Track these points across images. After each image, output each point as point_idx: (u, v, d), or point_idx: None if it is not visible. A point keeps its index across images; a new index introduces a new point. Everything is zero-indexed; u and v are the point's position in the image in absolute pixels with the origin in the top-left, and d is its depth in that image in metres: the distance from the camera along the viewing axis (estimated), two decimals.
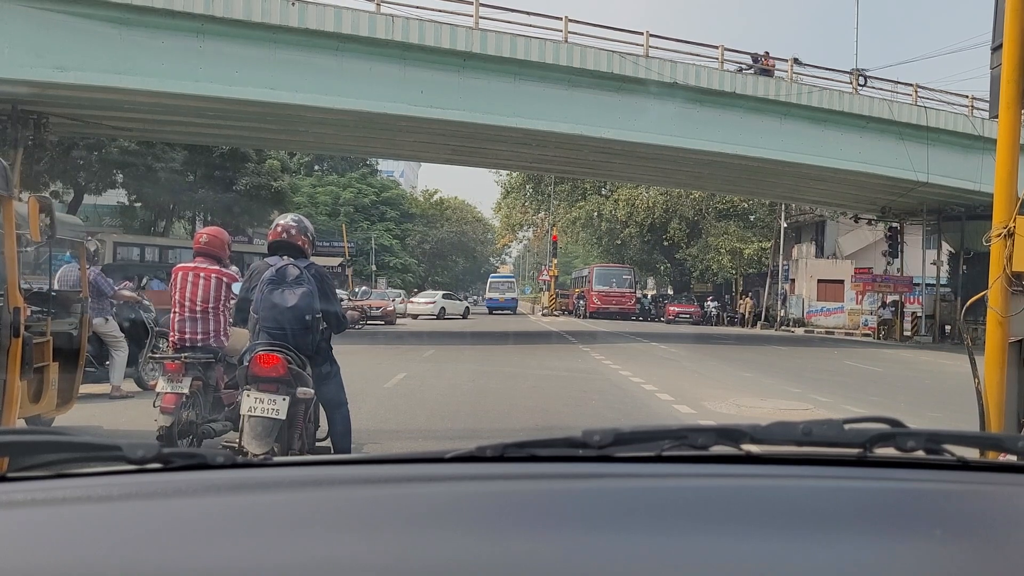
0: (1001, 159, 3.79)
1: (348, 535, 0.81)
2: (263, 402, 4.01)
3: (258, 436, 3.98)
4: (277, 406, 4.01)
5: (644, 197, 39.29)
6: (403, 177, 76.01)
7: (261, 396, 4.02)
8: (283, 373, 4.02)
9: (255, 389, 4.04)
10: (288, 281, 4.13)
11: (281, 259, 4.23)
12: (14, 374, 4.16)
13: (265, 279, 4.15)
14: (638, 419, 7.50)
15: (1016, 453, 1.17)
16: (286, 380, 4.04)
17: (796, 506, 0.92)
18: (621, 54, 18.21)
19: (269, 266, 4.21)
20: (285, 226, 4.37)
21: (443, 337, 22.14)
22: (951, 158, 20.88)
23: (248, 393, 4.06)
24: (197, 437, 5.01)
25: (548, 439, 1.04)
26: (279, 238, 4.34)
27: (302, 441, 4.29)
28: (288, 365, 4.03)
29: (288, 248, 4.31)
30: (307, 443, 4.37)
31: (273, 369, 4.01)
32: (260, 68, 15.51)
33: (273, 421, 4.00)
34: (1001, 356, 3.71)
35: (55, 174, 23.56)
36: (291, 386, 4.06)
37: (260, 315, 4.15)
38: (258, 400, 4.01)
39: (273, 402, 4.01)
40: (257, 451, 3.92)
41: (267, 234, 4.60)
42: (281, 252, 4.29)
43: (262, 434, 3.99)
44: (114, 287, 8.22)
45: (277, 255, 4.27)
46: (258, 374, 4.03)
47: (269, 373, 4.02)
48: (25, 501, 0.89)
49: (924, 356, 19.56)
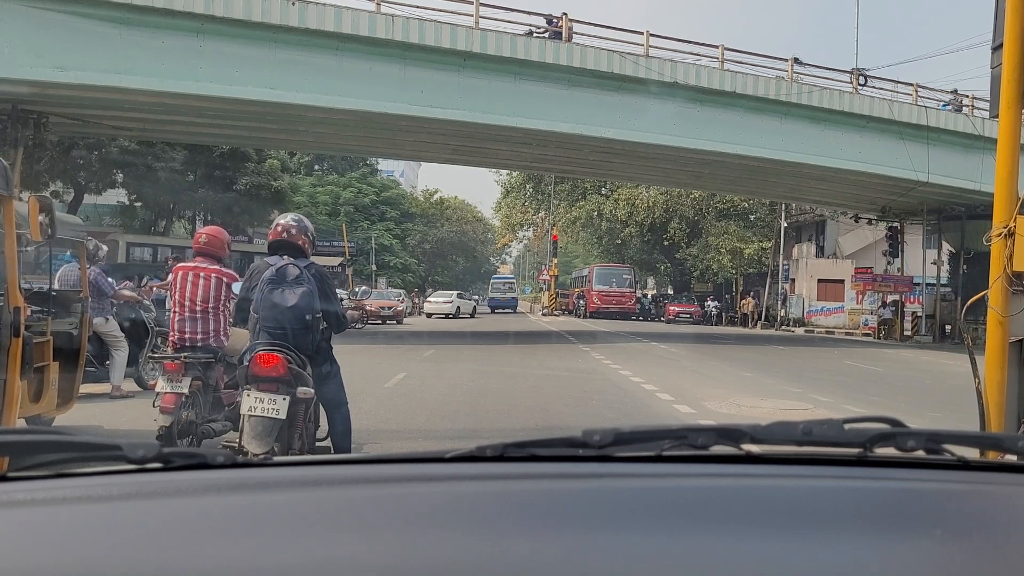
0: (1001, 159, 3.79)
1: (348, 535, 0.81)
2: (263, 402, 4.00)
3: (258, 436, 3.98)
4: (277, 406, 4.00)
5: (644, 197, 39.28)
6: (403, 177, 76.02)
7: (261, 396, 4.01)
8: (283, 373, 4.02)
9: (255, 389, 4.03)
10: (288, 281, 4.13)
11: (281, 259, 4.22)
12: (14, 374, 4.16)
13: (265, 279, 4.15)
14: (638, 419, 7.50)
15: (1016, 453, 1.17)
16: (286, 380, 4.04)
17: (796, 506, 0.92)
18: (621, 54, 18.21)
19: (269, 266, 4.20)
20: (285, 226, 4.37)
21: (443, 337, 22.14)
22: (951, 158, 20.88)
23: (248, 393, 4.06)
24: (197, 437, 4.99)
25: (548, 439, 1.04)
26: (279, 238, 4.33)
27: (302, 441, 4.29)
28: (288, 365, 4.03)
29: (288, 248, 4.30)
30: (307, 443, 4.37)
31: (273, 369, 4.01)
32: (260, 68, 15.51)
33: (273, 421, 4.00)
34: (1001, 356, 3.71)
35: (55, 174, 23.57)
36: (291, 386, 4.06)
37: (260, 315, 4.14)
38: (258, 400, 4.01)
39: (273, 402, 4.00)
40: (257, 451, 3.91)
41: (267, 234, 4.60)
42: (281, 252, 4.28)
43: (262, 434, 3.98)
44: (114, 287, 8.22)
45: (277, 255, 4.27)
46: (258, 374, 4.03)
47: (269, 373, 4.02)
48: (25, 501, 0.89)
49: (924, 356, 19.56)
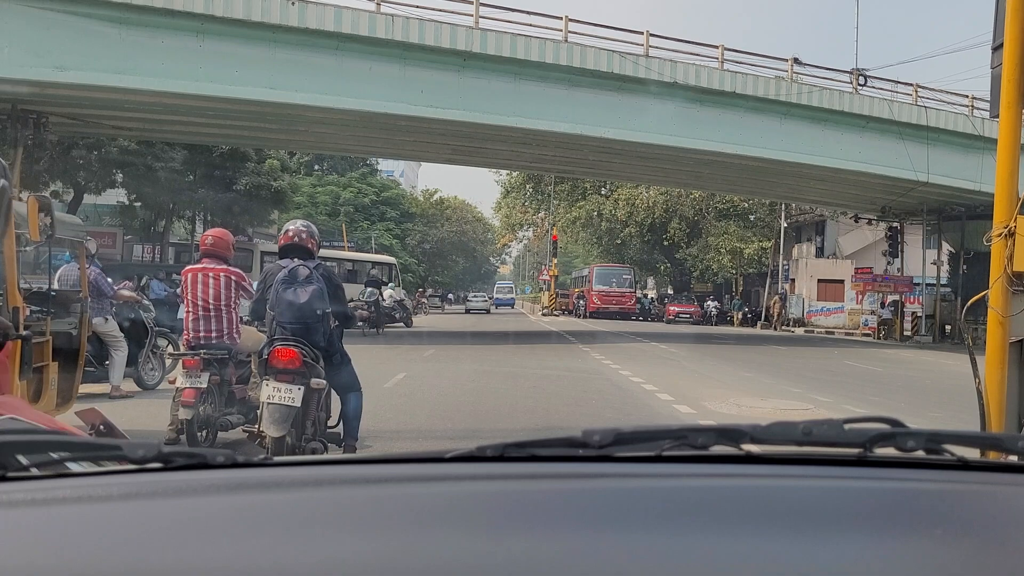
0: (1002, 159, 3.78)
1: (348, 535, 0.81)
2: (280, 391, 4.44)
3: (276, 421, 4.42)
4: (293, 395, 4.44)
5: (644, 197, 39.28)
6: (403, 177, 76.00)
7: (279, 386, 4.45)
8: (298, 365, 4.47)
9: (273, 379, 4.48)
10: (299, 280, 4.60)
11: (292, 261, 4.70)
12: (13, 374, 4.16)
13: (279, 279, 4.62)
14: (638, 419, 7.50)
15: (1017, 453, 1.17)
16: (301, 372, 4.49)
17: (796, 506, 0.92)
18: (621, 54, 18.21)
19: (282, 268, 4.68)
20: (296, 231, 4.83)
21: (443, 337, 22.15)
22: (951, 158, 20.87)
23: (267, 383, 4.50)
24: (214, 430, 5.30)
25: (548, 439, 1.04)
26: (291, 242, 4.80)
27: (315, 427, 4.76)
28: (303, 358, 4.49)
29: (298, 251, 4.77)
30: (319, 429, 4.84)
31: (290, 362, 4.47)
32: (260, 68, 15.51)
33: (289, 408, 4.43)
34: (1002, 356, 3.71)
35: (55, 174, 23.51)
36: (305, 377, 4.50)
37: (276, 312, 4.61)
38: (276, 389, 4.45)
39: (289, 391, 4.44)
40: (275, 435, 4.42)
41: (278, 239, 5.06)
42: (292, 255, 4.75)
43: (279, 420, 4.42)
44: (114, 287, 8.22)
45: (288, 257, 4.75)
46: (276, 366, 4.48)
47: (286, 365, 4.47)
48: (25, 501, 0.89)
49: (924, 356, 19.56)
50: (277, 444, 4.45)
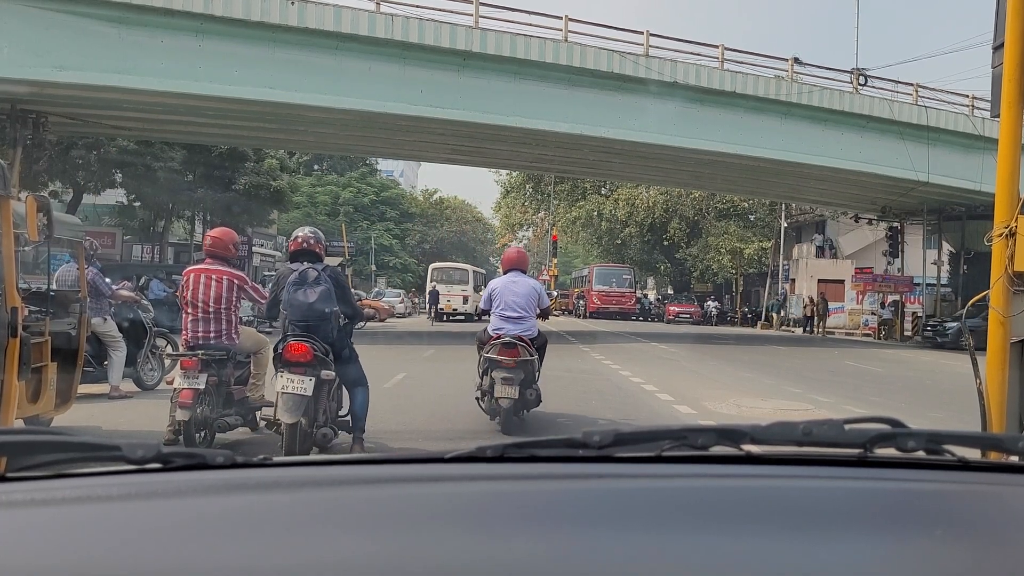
0: (1002, 158, 3.78)
1: (348, 535, 0.81)
2: (293, 382, 4.78)
3: (289, 409, 4.75)
4: (304, 385, 4.78)
5: (644, 197, 39.29)
6: (403, 177, 75.99)
7: (292, 377, 4.79)
8: (310, 359, 4.84)
9: (287, 371, 4.82)
10: (309, 282, 5.01)
11: (301, 264, 5.12)
12: (12, 374, 4.16)
13: (290, 281, 5.03)
14: (638, 419, 7.49)
15: (1017, 453, 1.17)
16: (312, 364, 4.85)
17: (796, 506, 0.92)
18: (621, 53, 18.20)
19: (292, 271, 5.10)
20: (304, 237, 5.28)
21: (443, 337, 22.14)
22: (952, 158, 20.87)
23: (281, 374, 4.84)
24: (211, 431, 5.35)
25: (548, 439, 1.04)
26: (300, 247, 5.22)
27: (326, 415, 5.11)
28: (314, 352, 4.85)
29: (307, 255, 5.20)
30: (329, 417, 5.19)
31: (301, 355, 4.84)
32: (260, 67, 15.51)
33: (301, 397, 4.76)
34: (1003, 356, 3.71)
35: (54, 173, 23.49)
36: (316, 369, 4.86)
37: (288, 311, 5.05)
38: (289, 380, 4.79)
39: (301, 382, 4.78)
40: (289, 421, 4.75)
41: (288, 244, 5.51)
42: (302, 259, 5.18)
43: (292, 408, 4.75)
44: (112, 287, 8.21)
45: (298, 261, 5.18)
46: (289, 359, 4.85)
47: (298, 358, 4.83)
48: (25, 501, 0.89)
49: (924, 356, 19.56)
50: (291, 430, 4.76)
